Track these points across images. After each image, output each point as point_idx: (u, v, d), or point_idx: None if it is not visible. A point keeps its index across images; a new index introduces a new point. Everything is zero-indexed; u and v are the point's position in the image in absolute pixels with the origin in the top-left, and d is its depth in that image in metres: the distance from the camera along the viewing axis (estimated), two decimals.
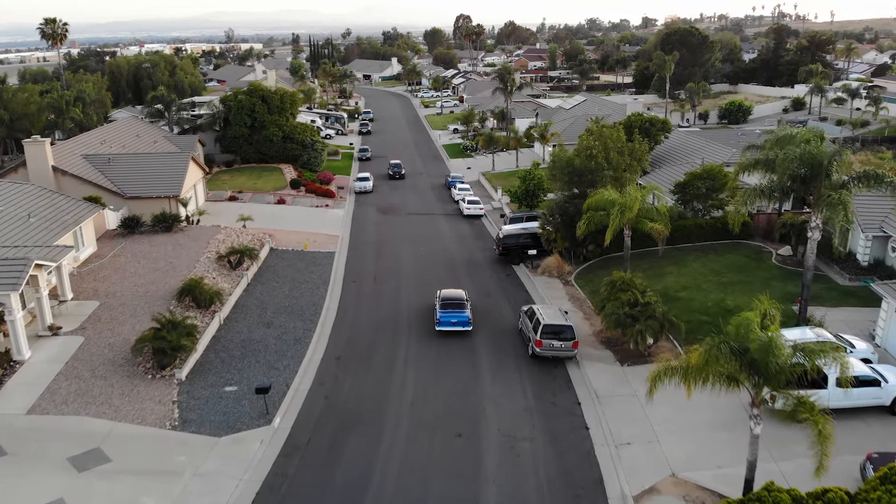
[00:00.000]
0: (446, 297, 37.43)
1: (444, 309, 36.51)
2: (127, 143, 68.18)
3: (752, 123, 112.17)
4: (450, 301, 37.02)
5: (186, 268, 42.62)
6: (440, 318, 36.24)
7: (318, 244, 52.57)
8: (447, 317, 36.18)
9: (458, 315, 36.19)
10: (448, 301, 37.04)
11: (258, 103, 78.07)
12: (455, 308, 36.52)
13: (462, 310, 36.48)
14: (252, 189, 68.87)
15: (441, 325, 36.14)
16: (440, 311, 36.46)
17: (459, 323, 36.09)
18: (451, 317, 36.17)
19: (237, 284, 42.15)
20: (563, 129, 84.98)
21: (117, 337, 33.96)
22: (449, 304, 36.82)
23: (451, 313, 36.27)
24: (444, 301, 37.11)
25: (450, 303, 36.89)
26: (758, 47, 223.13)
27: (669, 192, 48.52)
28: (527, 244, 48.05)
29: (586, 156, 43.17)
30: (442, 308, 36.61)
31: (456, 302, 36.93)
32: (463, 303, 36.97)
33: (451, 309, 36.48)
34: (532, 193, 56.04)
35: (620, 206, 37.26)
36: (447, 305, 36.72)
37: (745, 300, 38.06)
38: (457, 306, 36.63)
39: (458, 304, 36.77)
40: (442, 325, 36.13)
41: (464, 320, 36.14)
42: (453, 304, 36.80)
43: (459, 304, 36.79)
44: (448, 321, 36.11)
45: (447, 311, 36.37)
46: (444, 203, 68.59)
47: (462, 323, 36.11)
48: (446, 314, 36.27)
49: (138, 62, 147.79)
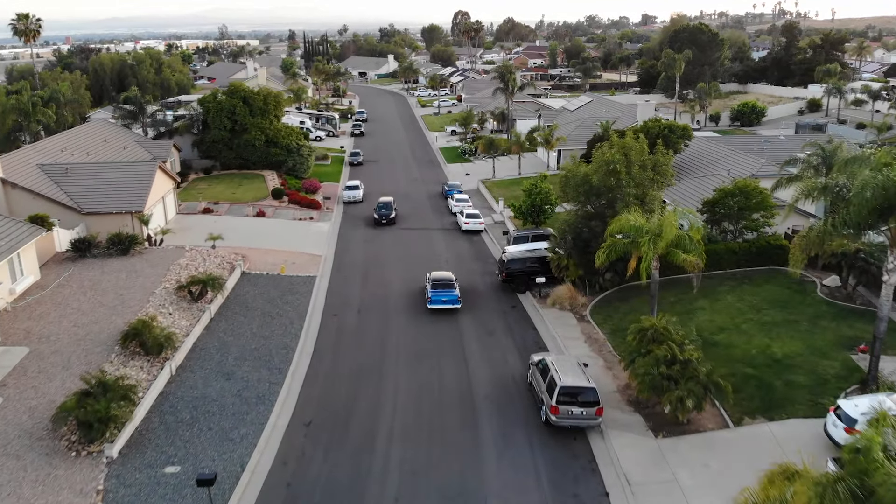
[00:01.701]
0: (437, 279, 40.52)
1: (435, 289, 39.54)
2: (92, 149, 62.04)
3: (766, 126, 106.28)
4: (440, 282, 40.10)
5: (139, 302, 36.54)
6: (431, 296, 39.18)
7: (297, 266, 46.54)
8: (438, 296, 39.15)
9: (448, 294, 39.28)
10: (439, 282, 40.12)
11: (239, 105, 71.91)
12: (445, 288, 39.54)
13: (451, 289, 39.53)
14: (230, 199, 62.75)
15: (433, 303, 39.06)
16: (431, 291, 39.45)
17: (449, 301, 39.10)
18: (441, 295, 39.16)
19: (197, 321, 36.10)
20: (569, 133, 78.99)
21: (42, 398, 27.91)
22: (439, 284, 39.91)
23: (442, 293, 39.25)
24: (434, 282, 40.22)
25: (440, 283, 39.99)
26: (767, 45, 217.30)
27: (697, 211, 42.50)
28: (534, 270, 42.06)
29: (607, 171, 37.08)
30: (433, 288, 39.66)
31: (446, 282, 40.03)
32: (452, 283, 40.05)
33: (441, 289, 39.48)
34: (538, 209, 49.94)
35: (651, 235, 31.29)
36: (438, 286, 39.76)
37: (795, 347, 32.22)
38: (446, 286, 39.69)
39: (447, 285, 39.83)
40: (433, 303, 39.06)
41: (453, 299, 39.17)
42: (443, 284, 39.91)
43: (449, 285, 39.84)
44: (439, 299, 39.07)
45: (438, 291, 39.35)
46: (440, 215, 62.55)
47: (451, 301, 39.10)
48: (437, 293, 39.24)
49: (123, 60, 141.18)
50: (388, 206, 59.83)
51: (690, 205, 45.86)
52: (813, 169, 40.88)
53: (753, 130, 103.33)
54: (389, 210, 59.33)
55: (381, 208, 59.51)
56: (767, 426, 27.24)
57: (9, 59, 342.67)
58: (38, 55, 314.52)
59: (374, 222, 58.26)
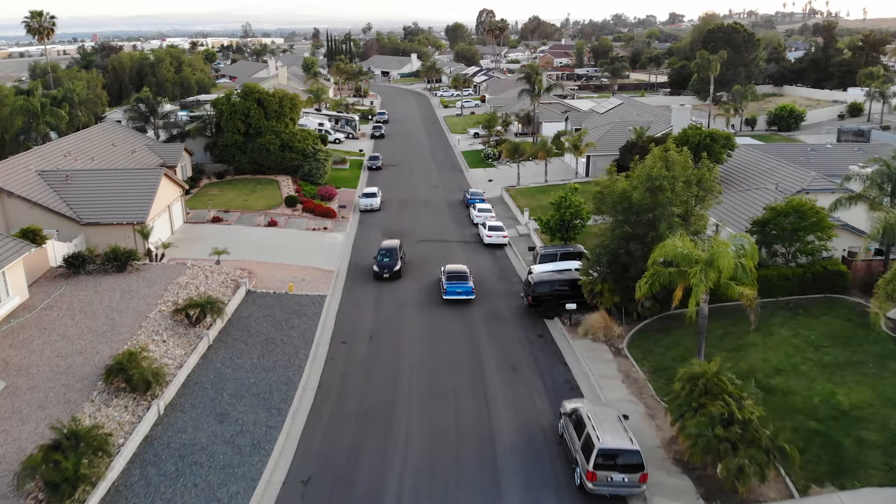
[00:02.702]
0: (451, 271, 42.00)
1: (450, 281, 41.01)
2: (98, 154, 59.40)
3: (805, 131, 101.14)
4: (455, 274, 41.58)
5: (130, 328, 33.43)
6: (447, 288, 40.63)
7: (306, 284, 43.29)
8: (453, 287, 40.58)
9: (463, 286, 40.72)
10: (453, 274, 41.59)
11: (253, 107, 68.98)
12: (459, 280, 41.05)
13: (465, 281, 40.99)
14: (241, 207, 59.78)
15: (448, 294, 40.50)
16: (447, 283, 40.91)
17: (464, 292, 40.57)
18: (456, 287, 40.57)
19: (193, 349, 32.93)
20: (599, 138, 74.87)
21: (11, 444, 24.80)
22: (454, 276, 41.33)
23: (456, 284, 40.70)
24: (449, 274, 41.73)
25: (455, 275, 41.41)
26: (799, 45, 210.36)
27: (746, 232, 38.46)
28: (564, 294, 38.31)
29: (650, 188, 33.16)
30: (448, 280, 41.13)
31: (460, 275, 41.52)
32: (466, 275, 41.54)
33: (455, 281, 40.91)
34: (568, 224, 46.11)
35: (702, 266, 27.41)
36: (452, 278, 41.22)
37: (863, 395, 28.21)
38: (461, 278, 41.18)
39: (461, 277, 41.33)
40: (449, 294, 40.51)
41: (467, 290, 40.61)
42: (458, 276, 41.36)
43: (463, 277, 41.34)
44: (454, 291, 40.50)
45: (453, 283, 40.80)
46: (461, 226, 58.94)
47: (466, 292, 40.57)
48: (452, 285, 40.69)
49: (142, 58, 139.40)
50: (393, 253, 45.82)
51: (737, 223, 41.79)
52: (877, 188, 36.66)
53: (792, 135, 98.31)
54: (394, 259, 45.22)
55: (382, 257, 45.45)
56: (838, 496, 23.36)
57: (36, 55, 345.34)
58: (64, 52, 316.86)
59: (374, 276, 44.97)
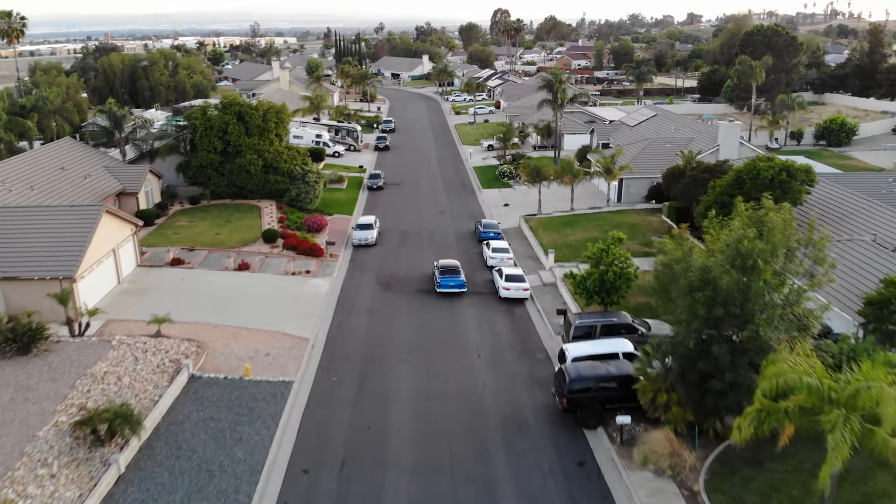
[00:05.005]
0: (444, 266, 43.80)
1: (443, 275, 42.89)
2: (40, 181, 49.76)
3: (857, 147, 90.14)
4: (447, 268, 43.44)
5: (7, 456, 23.70)
6: (440, 282, 42.56)
7: (270, 362, 33.51)
8: (446, 280, 42.56)
9: (455, 279, 42.66)
10: (446, 268, 43.44)
11: (232, 122, 59.42)
12: (452, 274, 42.95)
13: (457, 275, 42.95)
14: (210, 244, 50.07)
15: (441, 287, 42.45)
16: (440, 277, 42.82)
17: (456, 286, 42.55)
18: (449, 280, 42.52)
19: (93, 488, 23.19)
20: (633, 158, 64.69)
21: None
22: (447, 270, 43.22)
23: (449, 278, 42.64)
24: (442, 268, 43.50)
25: (447, 269, 43.31)
26: (833, 49, 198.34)
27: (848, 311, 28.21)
28: (611, 397, 28.21)
29: (743, 266, 22.93)
30: (441, 274, 43.00)
31: (453, 269, 43.39)
32: (458, 270, 43.49)
33: (448, 275, 42.85)
34: (611, 286, 35.76)
35: (845, 412, 17.30)
36: (445, 272, 43.08)
37: None
38: (453, 273, 43.07)
39: (454, 271, 43.19)
40: (442, 287, 42.45)
41: (459, 283, 42.63)
42: (450, 270, 43.24)
43: (455, 271, 43.22)
44: (447, 284, 42.47)
45: (446, 276, 42.75)
46: (472, 268, 48.20)
47: (458, 286, 42.57)
48: (445, 279, 42.65)
49: (134, 61, 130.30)
50: None
51: (840, 299, 31.42)
52: None
53: (844, 152, 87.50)
54: None
55: None
56: None
57: (46, 54, 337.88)
58: (75, 51, 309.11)
59: None
